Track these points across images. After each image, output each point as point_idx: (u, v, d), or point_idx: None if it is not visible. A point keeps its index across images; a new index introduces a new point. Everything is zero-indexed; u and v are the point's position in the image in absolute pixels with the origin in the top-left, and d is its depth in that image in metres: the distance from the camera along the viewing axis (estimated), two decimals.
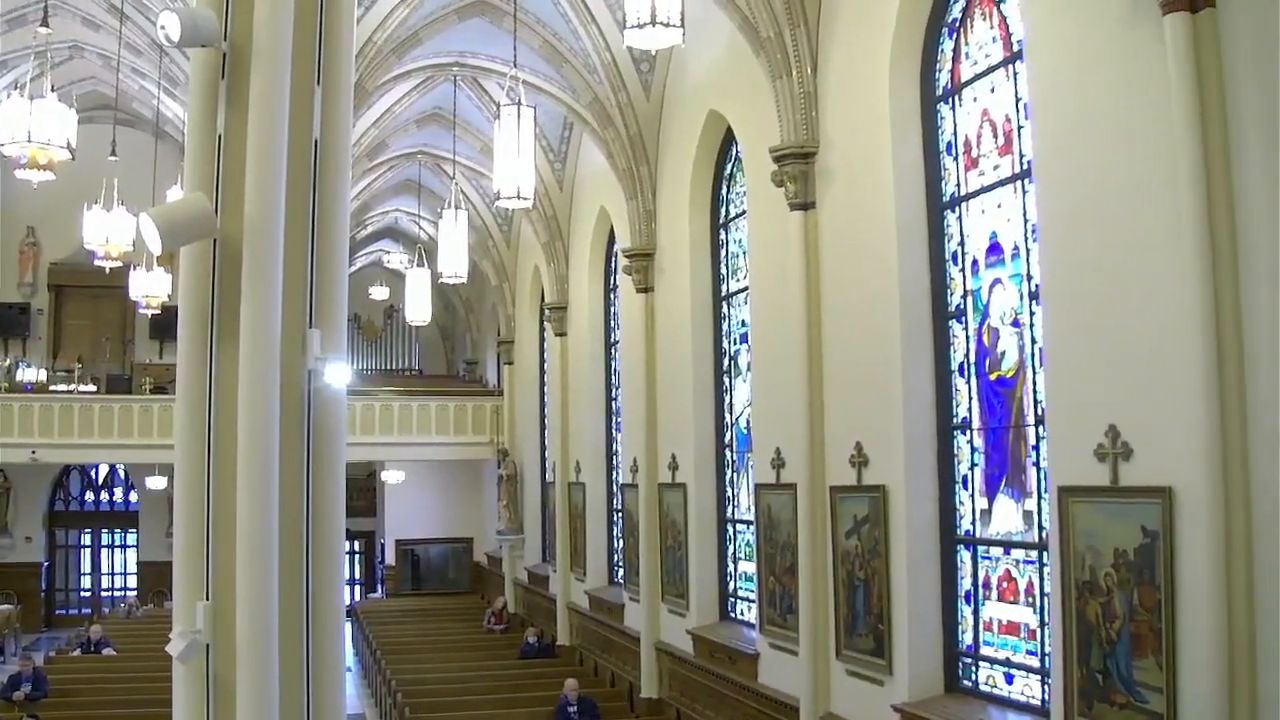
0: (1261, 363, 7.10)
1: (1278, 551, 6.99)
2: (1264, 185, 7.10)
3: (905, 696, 10.89)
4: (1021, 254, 10.08)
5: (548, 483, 25.63)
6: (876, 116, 11.54)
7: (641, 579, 17.99)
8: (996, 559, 10.48)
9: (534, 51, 17.42)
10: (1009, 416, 10.25)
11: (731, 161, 16.30)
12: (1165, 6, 7.51)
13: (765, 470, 13.99)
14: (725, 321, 16.56)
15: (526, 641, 22.94)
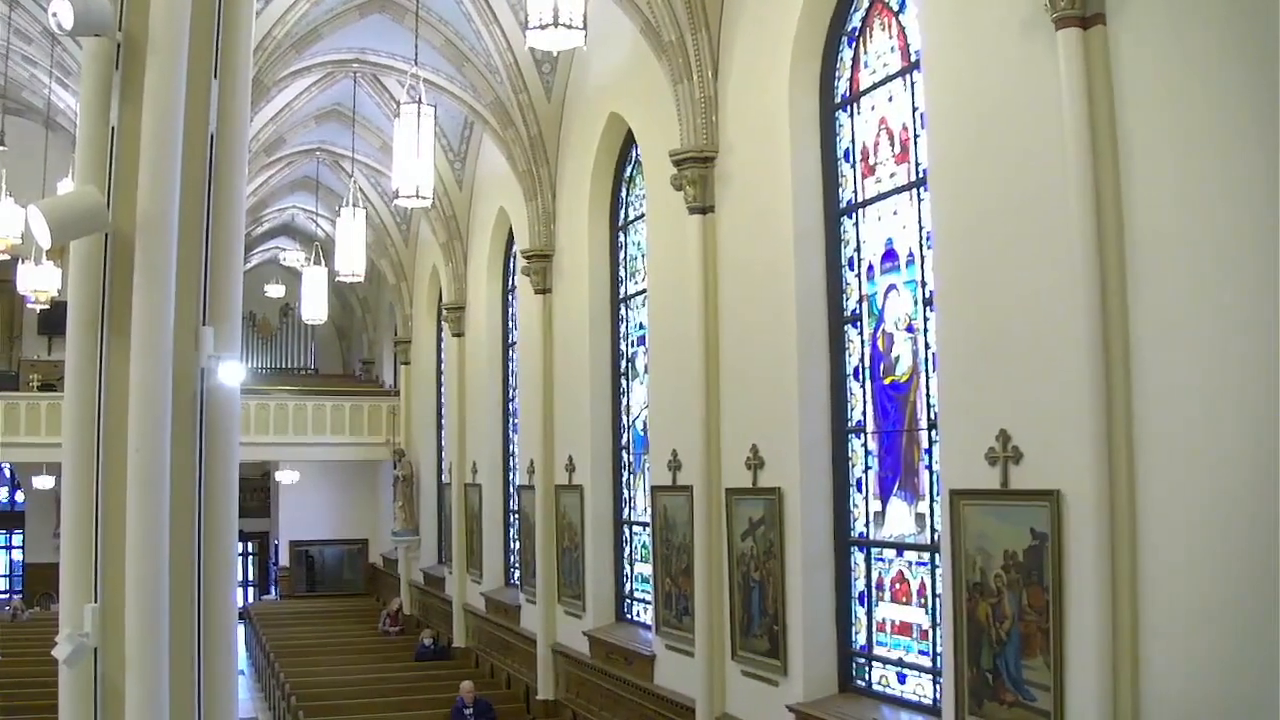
0: (1147, 369, 7.28)
1: (1161, 553, 7.16)
2: (1150, 197, 7.28)
3: (800, 697, 10.98)
4: (916, 261, 10.22)
5: (444, 484, 25.49)
6: (776, 122, 11.64)
7: (538, 580, 17.95)
8: (889, 561, 10.62)
9: (435, 50, 17.32)
10: (903, 420, 10.39)
11: (631, 164, 16.33)
12: (1058, 22, 7.68)
13: (662, 472, 14.03)
14: (623, 324, 16.59)
15: (422, 644, 22.81)
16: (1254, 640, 6.52)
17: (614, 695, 15.26)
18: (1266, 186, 6.50)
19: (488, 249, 22.06)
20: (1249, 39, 6.66)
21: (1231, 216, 6.74)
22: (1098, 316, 7.45)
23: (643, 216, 15.49)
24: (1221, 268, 6.80)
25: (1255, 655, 6.49)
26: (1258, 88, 6.58)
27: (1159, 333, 7.21)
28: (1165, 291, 7.19)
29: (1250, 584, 6.56)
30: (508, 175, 18.65)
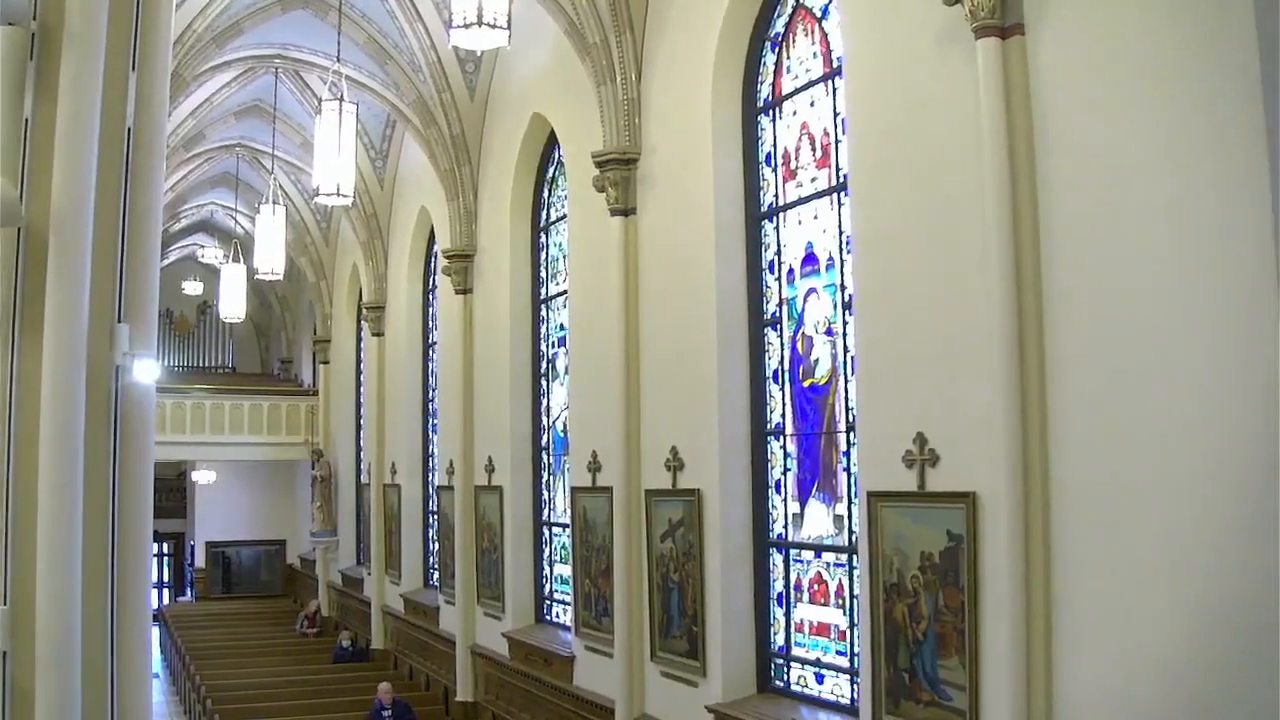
0: (1062, 373, 7.39)
1: (1075, 554, 7.28)
2: (1067, 204, 7.40)
3: (719, 697, 11.03)
4: (836, 265, 10.30)
5: (363, 484, 25.30)
6: (698, 126, 11.69)
7: (457, 582, 17.87)
8: (808, 562, 10.70)
9: (358, 47, 17.18)
10: (821, 423, 10.47)
11: (554, 165, 16.32)
12: (978, 31, 7.78)
13: (581, 473, 14.03)
14: (544, 324, 16.57)
15: (340, 645, 22.66)
16: (1165, 639, 6.65)
17: (533, 697, 15.23)
18: (1180, 193, 6.64)
19: (408, 248, 21.93)
20: (1164, 51, 6.79)
21: (1147, 223, 6.86)
22: (1014, 321, 7.55)
23: (564, 217, 15.49)
24: (1136, 273, 6.92)
25: (1166, 653, 6.63)
26: (1172, 98, 6.72)
27: (1074, 337, 7.33)
28: (1080, 296, 7.30)
29: (1161, 583, 6.68)
30: (429, 174, 18.56)
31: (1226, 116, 6.38)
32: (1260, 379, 6.09)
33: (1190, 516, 6.51)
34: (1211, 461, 6.40)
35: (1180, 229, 6.63)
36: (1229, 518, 6.28)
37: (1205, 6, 6.54)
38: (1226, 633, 6.28)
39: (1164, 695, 6.64)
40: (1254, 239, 6.17)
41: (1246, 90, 6.24)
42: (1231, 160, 6.34)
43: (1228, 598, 6.27)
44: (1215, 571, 6.35)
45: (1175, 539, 6.60)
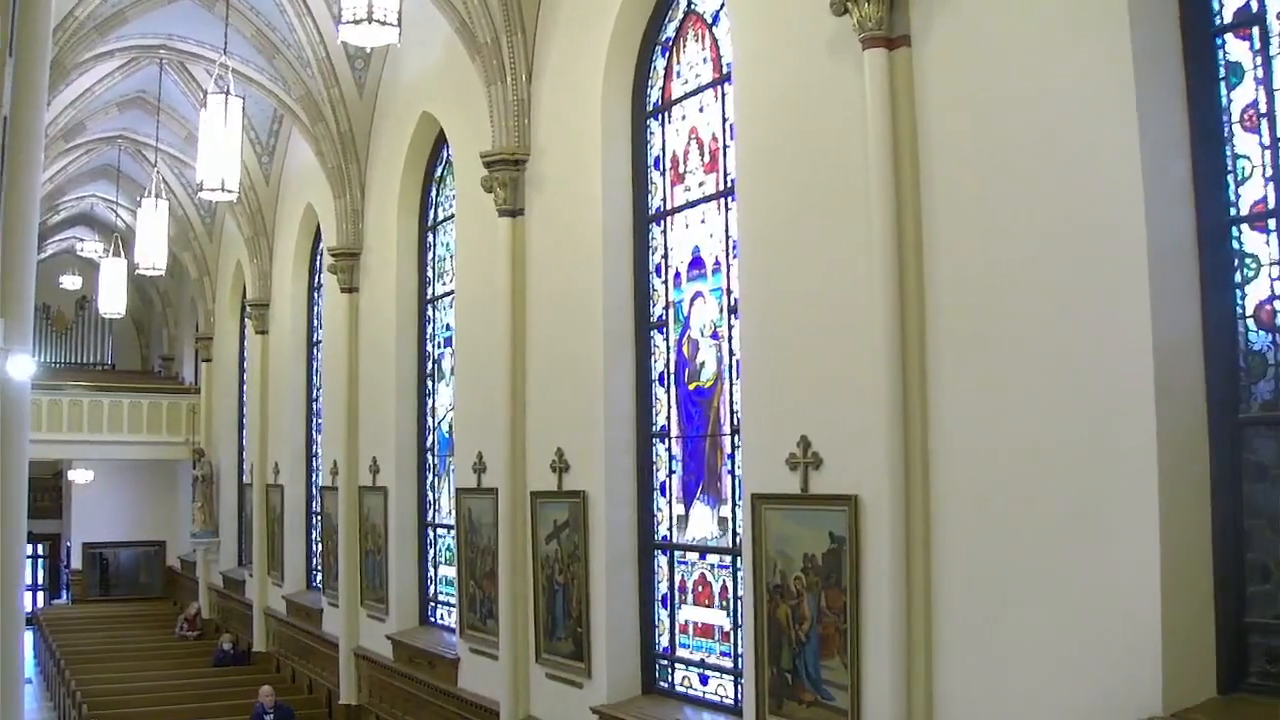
0: (943, 378, 7.54)
1: (954, 555, 7.44)
2: (949, 212, 7.55)
3: (604, 698, 11.06)
4: (722, 269, 10.39)
5: (245, 484, 24.93)
6: (588, 128, 11.71)
7: (340, 583, 17.70)
8: (692, 564, 10.77)
9: (246, 40, 16.92)
10: (706, 425, 10.55)
11: (442, 164, 16.24)
12: (865, 42, 7.91)
13: (467, 474, 13.98)
14: (430, 324, 16.48)
15: (221, 648, 22.32)
16: (1042, 638, 6.82)
17: (417, 699, 15.14)
18: (1057, 200, 6.81)
19: (294, 245, 21.67)
20: (1041, 62, 6.97)
21: (1025, 230, 7.03)
22: (896, 327, 7.68)
23: (452, 217, 15.42)
24: (1015, 279, 7.08)
25: (1043, 652, 6.79)
26: (1049, 108, 6.91)
27: (955, 342, 7.48)
28: (961, 302, 7.46)
29: (1039, 583, 6.84)
30: (316, 171, 18.34)
31: (1102, 125, 6.57)
32: (1137, 381, 6.28)
33: (1068, 517, 6.68)
34: (1088, 464, 6.57)
35: (1058, 236, 6.80)
36: (1106, 517, 6.45)
37: (1081, 21, 6.73)
38: (1103, 630, 6.44)
39: (1040, 694, 6.81)
40: (1127, 242, 6.36)
41: (1121, 100, 6.44)
42: (1106, 166, 6.54)
43: (1104, 595, 6.44)
44: (1092, 569, 6.52)
45: (1053, 540, 6.77)
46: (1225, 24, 6.54)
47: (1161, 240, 6.35)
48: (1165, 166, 6.45)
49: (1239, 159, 6.44)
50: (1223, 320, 6.42)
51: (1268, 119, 6.31)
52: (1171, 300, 6.38)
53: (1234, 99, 6.47)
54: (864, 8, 7.85)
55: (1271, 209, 6.28)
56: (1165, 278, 6.35)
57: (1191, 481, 6.34)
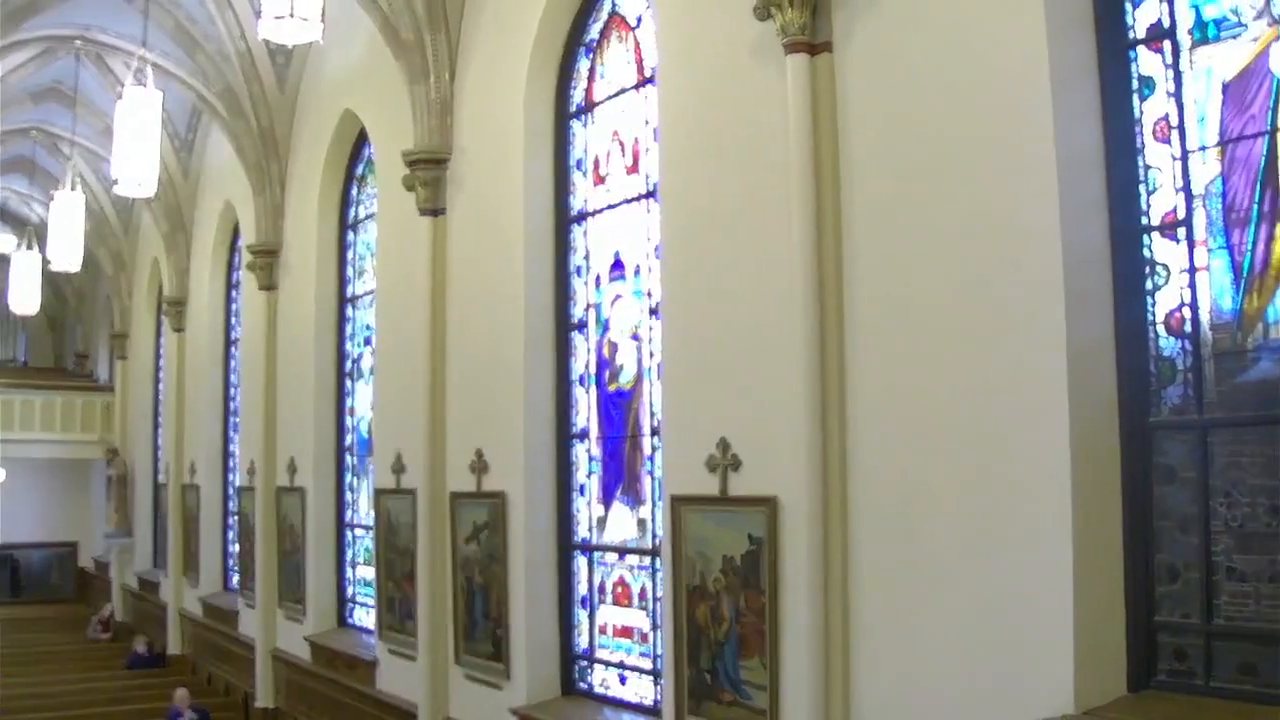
0: (861, 381, 7.59)
1: (872, 556, 7.50)
2: (868, 216, 7.61)
3: (523, 700, 11.04)
4: (643, 271, 10.40)
5: (160, 484, 24.60)
6: (510, 128, 11.67)
7: (257, 585, 17.52)
8: (612, 565, 10.78)
9: (165, 33, 16.65)
10: (626, 427, 10.56)
11: (363, 163, 16.13)
12: (788, 48, 7.94)
13: (386, 475, 13.89)
14: (350, 324, 16.37)
15: (135, 651, 22.04)
16: (958, 637, 6.89)
17: (335, 701, 15.02)
18: (974, 207, 6.89)
19: (212, 243, 21.44)
20: (960, 71, 7.05)
21: (941, 237, 7.10)
22: (816, 330, 7.72)
23: (373, 216, 15.32)
24: (931, 284, 7.14)
25: (959, 652, 6.87)
26: (968, 115, 6.99)
27: (874, 346, 7.53)
28: (880, 305, 7.51)
29: (955, 584, 6.92)
30: (236, 167, 18.12)
31: (1019, 135, 6.66)
32: (1051, 385, 6.37)
33: (983, 518, 6.76)
34: (1003, 467, 6.65)
35: (975, 242, 6.88)
36: (1020, 519, 6.54)
37: (1000, 33, 6.81)
38: (1017, 630, 6.53)
39: (955, 692, 6.88)
40: (1042, 250, 6.45)
41: (1038, 111, 6.53)
42: (1022, 175, 6.62)
43: (1018, 596, 6.52)
44: (1006, 570, 6.60)
45: (968, 541, 6.83)
46: (1138, 38, 6.66)
47: (1076, 248, 6.45)
48: (1080, 176, 6.55)
49: (1151, 170, 6.56)
50: (1134, 326, 6.54)
51: (1178, 131, 6.44)
52: (1085, 307, 6.48)
53: (1146, 111, 6.60)
54: (787, 13, 7.88)
55: (1182, 219, 6.41)
56: (1079, 285, 6.45)
57: (1103, 484, 6.45)
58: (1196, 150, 6.38)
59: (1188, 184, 6.40)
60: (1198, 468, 6.26)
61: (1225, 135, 6.27)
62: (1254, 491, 6.04)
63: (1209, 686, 6.13)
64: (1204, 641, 6.17)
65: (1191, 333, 6.35)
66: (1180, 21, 6.48)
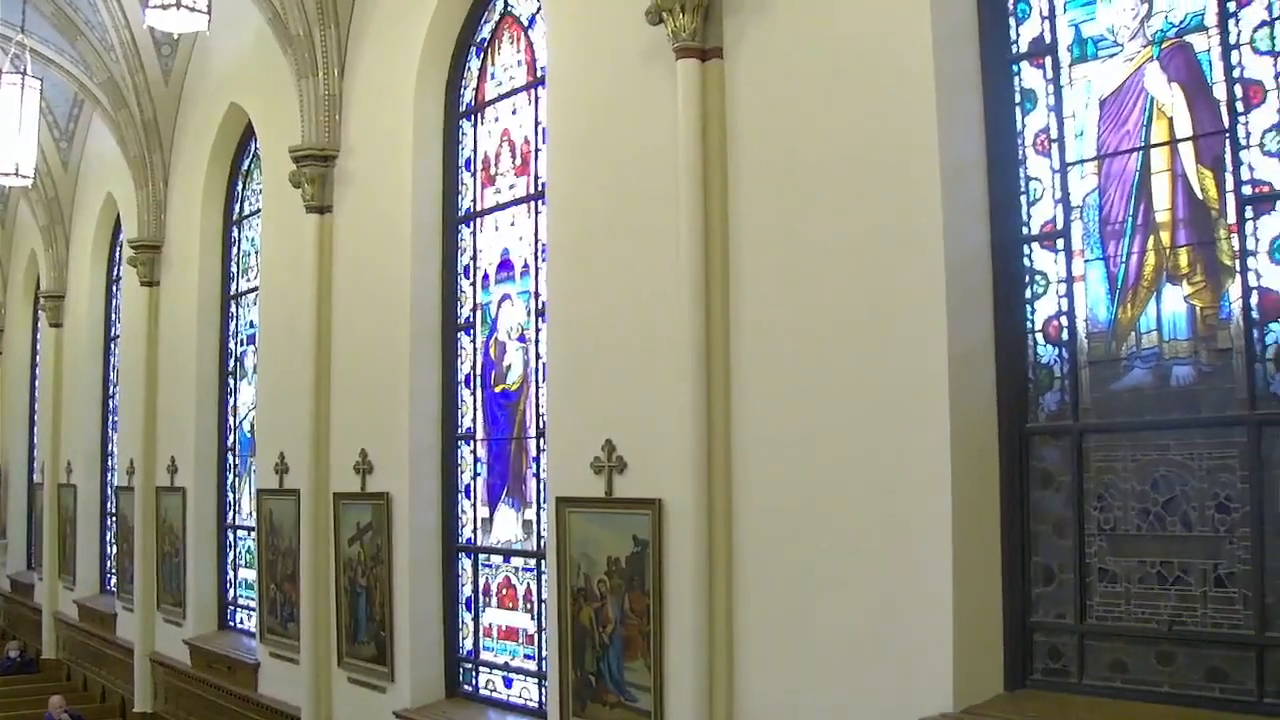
0: (746, 384, 7.65)
1: (756, 558, 7.56)
2: (755, 222, 7.68)
3: (407, 703, 10.96)
4: (531, 272, 10.39)
5: (35, 484, 24.00)
6: (400, 126, 11.58)
7: (136, 587, 17.16)
8: (497, 566, 10.74)
9: (45, 19, 16.16)
10: (512, 428, 10.54)
11: (250, 157, 15.89)
12: (678, 52, 7.99)
13: (268, 475, 13.69)
14: (233, 321, 16.11)
15: (7, 656, 21.47)
16: (840, 639, 6.98)
17: (216, 705, 14.78)
18: (860, 217, 6.99)
19: (92, 236, 20.95)
20: (851, 84, 7.14)
21: (826, 243, 7.18)
22: (702, 333, 7.77)
23: (259, 212, 15.09)
24: (817, 288, 7.22)
25: (840, 653, 6.96)
26: (855, 128, 7.08)
27: (759, 349, 7.60)
28: (764, 310, 7.58)
29: (837, 587, 7.00)
30: (118, 160, 17.73)
31: (905, 145, 6.77)
32: (933, 390, 6.49)
33: (865, 520, 6.85)
34: (885, 470, 6.75)
35: (860, 249, 6.97)
36: (902, 521, 6.64)
37: (888, 45, 6.91)
38: (898, 630, 6.63)
39: (838, 692, 6.97)
40: (925, 257, 6.57)
41: (923, 122, 6.64)
42: (907, 184, 6.73)
43: (899, 597, 6.63)
44: (888, 572, 6.70)
45: (850, 543, 6.92)
46: (1021, 53, 6.83)
47: (958, 256, 6.58)
48: (963, 186, 6.68)
49: (1031, 181, 6.72)
50: (1013, 334, 6.69)
51: (1058, 144, 6.62)
52: (966, 313, 6.60)
53: (1028, 124, 6.77)
54: (678, 18, 7.93)
55: (1060, 229, 6.57)
56: (961, 292, 6.57)
57: (982, 488, 6.58)
58: (1075, 163, 6.55)
59: (1066, 196, 6.56)
60: (1073, 472, 6.43)
61: (1102, 150, 6.45)
62: (1126, 496, 6.22)
63: (1082, 684, 6.31)
64: (1077, 641, 6.35)
65: (1068, 341, 6.52)
66: (1061, 39, 6.66)
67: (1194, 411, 6.00)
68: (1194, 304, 6.03)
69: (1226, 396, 5.88)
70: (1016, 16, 6.85)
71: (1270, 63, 5.75)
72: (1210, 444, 5.92)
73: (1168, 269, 6.14)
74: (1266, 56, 5.77)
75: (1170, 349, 6.12)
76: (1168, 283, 6.14)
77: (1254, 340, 5.77)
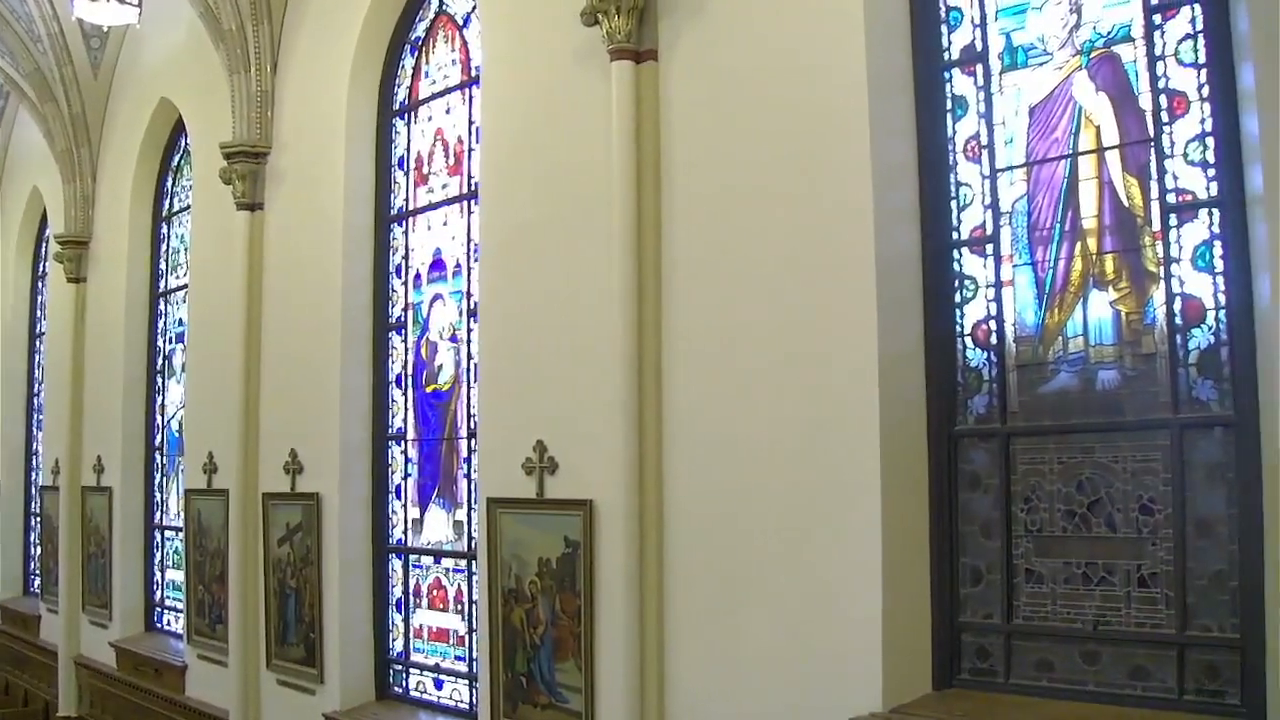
0: (678, 385, 7.68)
1: (686, 560, 7.60)
2: (688, 224, 7.70)
3: (336, 705, 10.87)
4: (463, 272, 10.36)
5: None
6: (332, 124, 11.49)
7: (61, 588, 16.88)
8: (427, 568, 10.69)
9: None
10: (443, 429, 10.49)
11: (180, 153, 15.70)
12: (613, 54, 8.00)
13: (197, 475, 13.53)
14: (162, 319, 15.90)
15: None
16: (769, 638, 7.02)
17: (142, 709, 14.58)
18: (792, 220, 7.03)
19: (17, 231, 20.58)
20: (784, 89, 7.19)
21: (758, 245, 7.22)
22: (633, 334, 7.78)
23: (188, 208, 14.91)
24: (748, 290, 7.25)
25: (771, 651, 7.00)
26: (788, 133, 7.12)
27: (690, 350, 7.63)
28: (696, 312, 7.61)
29: (766, 586, 7.04)
30: (44, 153, 17.42)
31: (837, 150, 6.81)
32: (863, 393, 6.53)
33: (796, 521, 6.89)
34: (816, 472, 6.80)
35: (792, 251, 7.01)
36: (832, 522, 6.68)
37: (821, 50, 6.96)
38: (828, 630, 6.67)
39: (769, 692, 7.00)
40: (856, 260, 6.62)
41: (855, 127, 6.69)
42: (839, 188, 6.78)
43: (829, 597, 6.67)
44: (818, 572, 6.74)
45: (782, 543, 6.96)
46: (953, 60, 6.90)
47: (888, 260, 6.63)
48: (894, 190, 6.74)
49: (961, 187, 6.80)
50: (943, 337, 6.76)
51: (988, 150, 6.70)
52: (896, 317, 6.66)
53: (958, 130, 6.84)
54: (613, 20, 7.94)
55: (989, 234, 6.65)
56: (891, 295, 6.63)
57: (911, 489, 6.65)
58: (1004, 170, 6.63)
59: (995, 202, 6.64)
60: (1000, 474, 6.52)
61: (1031, 157, 6.54)
62: (1052, 498, 6.31)
63: (1009, 683, 6.39)
64: (1004, 640, 6.43)
65: (997, 345, 6.60)
66: (992, 46, 6.74)
67: (1119, 415, 6.10)
68: (1119, 309, 6.13)
69: (1150, 400, 5.99)
70: (948, 24, 6.93)
71: (1194, 74, 5.87)
72: (1134, 447, 6.03)
73: (1094, 275, 6.24)
74: (1190, 68, 5.89)
75: (1096, 353, 6.21)
76: (1094, 288, 6.23)
77: (1177, 345, 5.88)
